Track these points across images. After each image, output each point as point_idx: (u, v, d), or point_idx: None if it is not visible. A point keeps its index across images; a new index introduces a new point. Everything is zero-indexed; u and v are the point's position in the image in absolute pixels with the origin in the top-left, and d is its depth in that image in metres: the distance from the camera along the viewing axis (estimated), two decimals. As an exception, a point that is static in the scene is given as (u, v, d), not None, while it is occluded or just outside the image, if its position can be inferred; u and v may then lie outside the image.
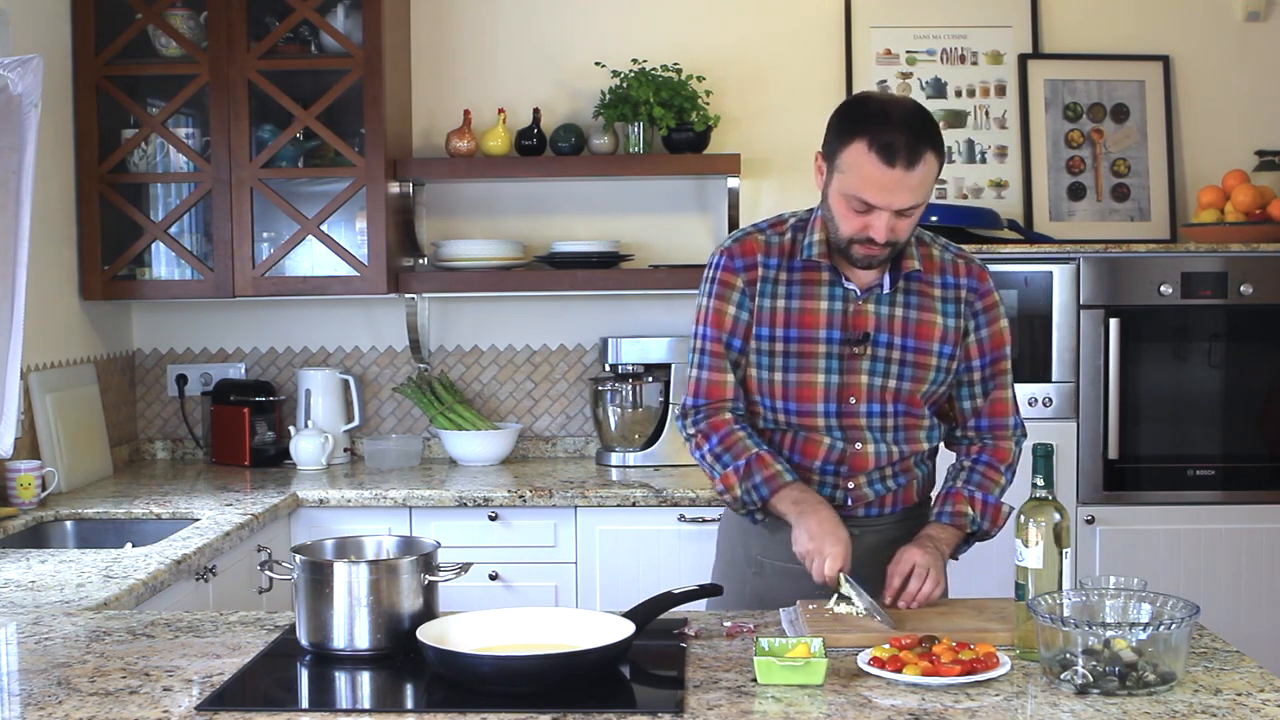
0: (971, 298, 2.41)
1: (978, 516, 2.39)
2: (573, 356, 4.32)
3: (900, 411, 2.39)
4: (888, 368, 2.37)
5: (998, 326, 2.44)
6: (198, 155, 3.94)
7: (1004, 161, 4.25)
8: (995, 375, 2.44)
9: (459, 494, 3.64)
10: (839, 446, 2.39)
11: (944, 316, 2.39)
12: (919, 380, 2.38)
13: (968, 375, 2.43)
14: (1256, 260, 3.76)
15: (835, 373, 2.37)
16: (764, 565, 2.46)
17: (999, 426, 2.46)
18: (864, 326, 2.36)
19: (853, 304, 2.37)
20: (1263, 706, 1.77)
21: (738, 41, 4.27)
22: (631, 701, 1.86)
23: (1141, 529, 3.76)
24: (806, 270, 2.38)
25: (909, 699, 1.81)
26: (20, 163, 3.02)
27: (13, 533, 3.21)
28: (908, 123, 2.22)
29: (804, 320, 2.37)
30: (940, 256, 2.42)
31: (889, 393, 2.37)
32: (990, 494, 2.41)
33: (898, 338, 2.37)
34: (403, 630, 2.00)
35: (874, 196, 2.21)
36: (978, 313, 2.42)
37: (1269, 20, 4.26)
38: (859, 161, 2.21)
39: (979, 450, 2.46)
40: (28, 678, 1.95)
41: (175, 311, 4.32)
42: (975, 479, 2.42)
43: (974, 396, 2.45)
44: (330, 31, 3.92)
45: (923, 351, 2.38)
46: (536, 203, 4.30)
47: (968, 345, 2.42)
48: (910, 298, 2.38)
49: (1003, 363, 2.45)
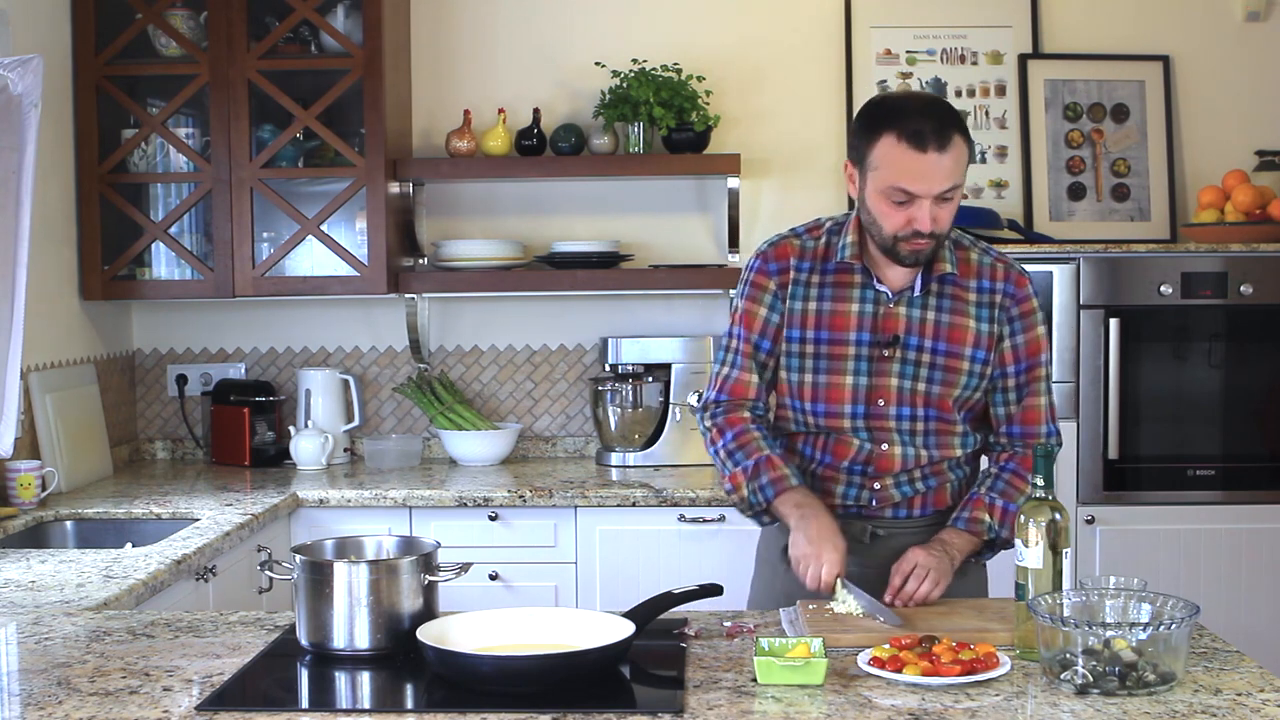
0: (1007, 303, 2.39)
1: (995, 524, 2.38)
2: (573, 356, 4.32)
3: (932, 416, 2.39)
4: (917, 370, 2.37)
5: (1034, 333, 2.41)
6: (198, 155, 3.94)
7: (1004, 161, 4.25)
8: (1030, 382, 2.41)
9: (459, 494, 3.64)
10: (866, 448, 2.39)
11: (977, 321, 2.38)
12: (949, 384, 2.37)
13: (1002, 381, 2.42)
14: (1256, 260, 3.76)
15: (865, 374, 2.37)
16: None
17: (1031, 435, 2.43)
18: (894, 329, 2.36)
19: (883, 306, 2.37)
20: (1263, 706, 1.77)
21: (738, 41, 4.27)
22: (631, 701, 1.86)
23: (1141, 529, 3.76)
24: (839, 273, 2.39)
25: (909, 699, 1.81)
26: (20, 163, 3.02)
27: (13, 533, 3.21)
28: (930, 110, 2.25)
29: (835, 323, 2.38)
30: (978, 260, 2.41)
31: (919, 396, 2.37)
32: (1012, 501, 2.38)
33: (928, 340, 2.37)
34: (403, 630, 2.00)
35: (912, 184, 2.22)
36: (1013, 318, 2.40)
37: (1269, 20, 4.26)
38: (891, 153, 2.22)
39: (1008, 458, 2.44)
40: (28, 678, 1.95)
41: (175, 311, 4.32)
42: (999, 486, 2.41)
43: (1008, 403, 2.43)
44: (330, 31, 3.92)
45: (953, 355, 2.37)
46: (536, 203, 4.30)
47: (1002, 351, 2.40)
48: (943, 301, 2.38)
49: (1038, 369, 2.42)
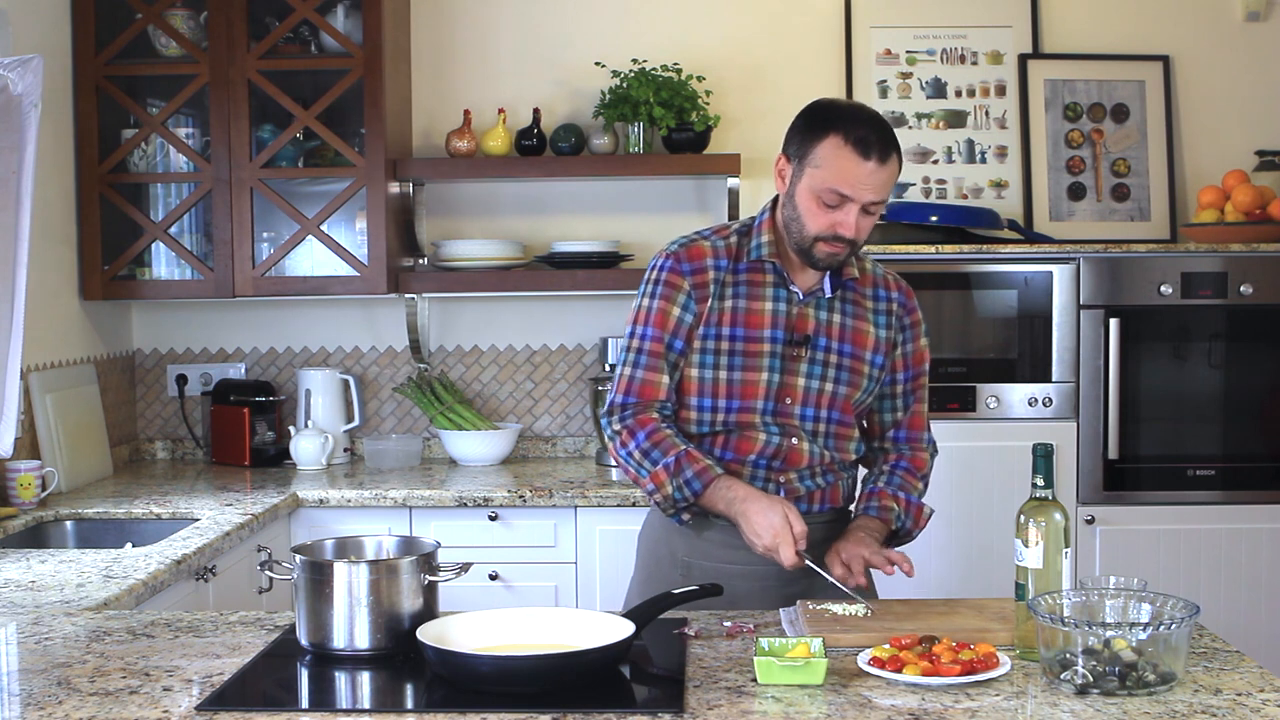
0: (900, 312, 2.50)
1: (902, 513, 2.46)
2: (573, 356, 4.32)
3: (834, 419, 2.44)
4: (824, 371, 2.42)
5: (921, 343, 2.53)
6: (198, 155, 3.94)
7: (1004, 161, 4.25)
8: (915, 390, 2.53)
9: (459, 494, 3.64)
10: (775, 441, 2.41)
11: (876, 327, 2.46)
12: (853, 386, 2.44)
13: (891, 388, 2.52)
14: (1256, 260, 3.76)
15: (776, 371, 2.40)
16: (691, 567, 2.46)
17: (915, 439, 2.55)
18: (805, 329, 2.41)
19: (795, 306, 2.41)
20: (1263, 706, 1.77)
21: (738, 41, 4.27)
22: (631, 701, 1.86)
23: (1141, 529, 3.76)
24: (752, 271, 2.42)
25: (909, 699, 1.81)
26: (20, 163, 3.01)
27: (13, 533, 3.21)
28: (876, 122, 2.31)
29: (750, 320, 2.40)
30: (873, 270, 2.51)
31: (824, 396, 2.42)
32: (911, 494, 2.49)
33: (835, 342, 2.42)
34: (403, 630, 2.00)
35: (849, 188, 2.26)
36: (905, 327, 2.50)
37: (1269, 20, 4.26)
38: (834, 155, 2.27)
39: (896, 458, 2.54)
40: (28, 678, 1.95)
41: (175, 311, 4.32)
42: (896, 481, 2.50)
43: (895, 410, 2.53)
44: (330, 31, 3.92)
45: (857, 358, 2.44)
46: (536, 203, 4.30)
47: (894, 359, 2.50)
48: (847, 305, 2.45)
49: (922, 378, 2.54)
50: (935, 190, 4.25)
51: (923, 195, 4.23)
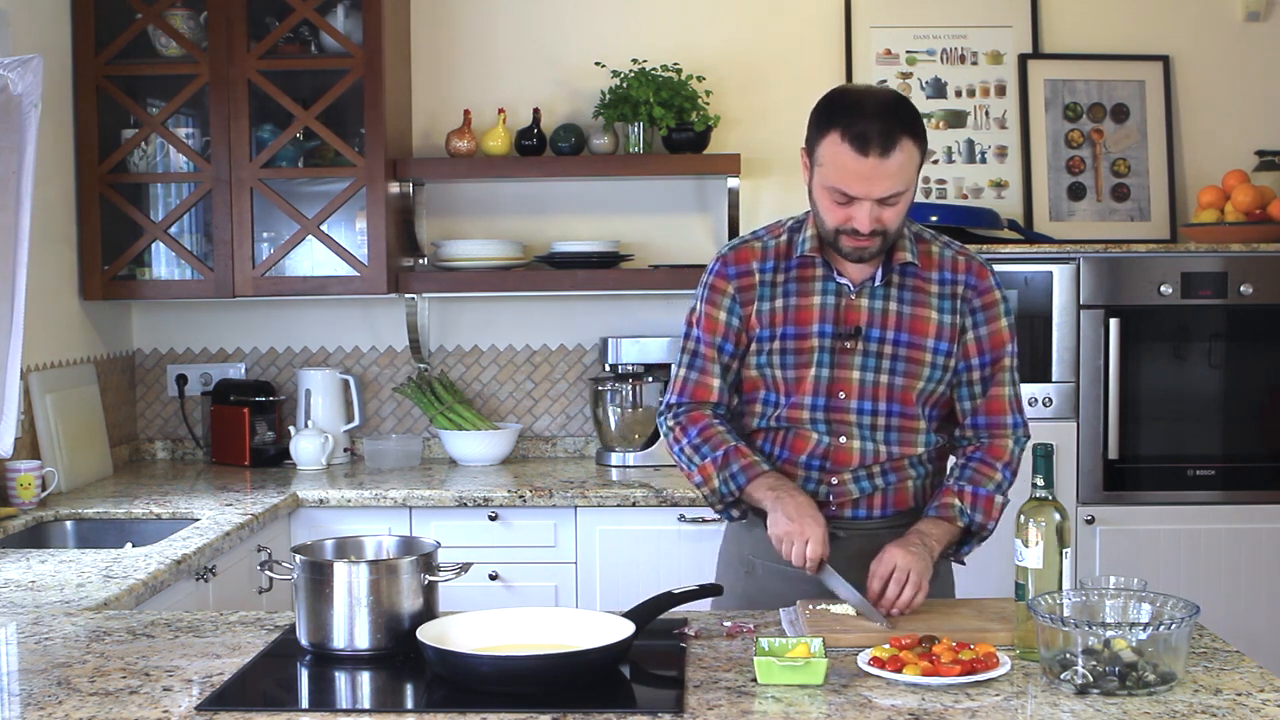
0: (969, 294, 2.37)
1: (966, 508, 2.34)
2: (573, 356, 4.32)
3: (894, 411, 2.36)
4: (879, 363, 2.35)
5: (998, 325, 2.38)
6: (198, 155, 3.94)
7: (1004, 161, 4.25)
8: (995, 374, 2.39)
9: (459, 494, 3.65)
10: (824, 441, 2.37)
11: (939, 313, 2.36)
12: (913, 376, 2.35)
13: (966, 374, 2.39)
14: (1256, 260, 3.76)
15: (826, 366, 2.36)
16: (755, 565, 2.46)
17: (996, 425, 2.40)
18: (855, 321, 2.35)
19: (845, 299, 2.36)
20: (1263, 706, 1.77)
21: (738, 41, 4.27)
22: (631, 701, 1.86)
23: (1141, 529, 3.76)
24: (802, 267, 2.39)
25: (909, 699, 1.81)
26: (20, 163, 3.02)
27: (13, 533, 3.21)
28: (881, 111, 2.21)
29: (799, 317, 2.37)
30: (939, 253, 2.40)
31: (881, 389, 2.35)
32: (981, 487, 2.35)
33: (890, 332, 2.35)
34: (403, 630, 2.00)
35: (852, 187, 2.21)
36: (975, 310, 2.38)
37: (1269, 20, 4.26)
38: (835, 153, 2.22)
39: (974, 449, 2.41)
40: (28, 678, 1.95)
41: (175, 311, 4.32)
42: (967, 474, 2.38)
43: (973, 396, 2.40)
44: (330, 31, 3.92)
45: (916, 347, 2.35)
46: (536, 203, 4.30)
47: (966, 344, 2.38)
48: (904, 293, 2.36)
49: (1003, 361, 2.39)
50: (935, 190, 4.25)
51: (923, 195, 4.22)
